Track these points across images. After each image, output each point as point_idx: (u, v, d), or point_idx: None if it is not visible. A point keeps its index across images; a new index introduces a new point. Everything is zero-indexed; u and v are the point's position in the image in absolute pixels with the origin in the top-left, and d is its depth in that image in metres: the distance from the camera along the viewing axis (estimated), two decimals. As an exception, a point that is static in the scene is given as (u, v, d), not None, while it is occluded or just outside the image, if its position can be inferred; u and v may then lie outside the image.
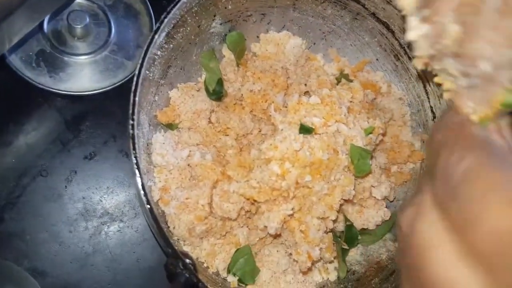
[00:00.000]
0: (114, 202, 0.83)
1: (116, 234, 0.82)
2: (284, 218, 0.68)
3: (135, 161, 0.57)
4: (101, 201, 0.83)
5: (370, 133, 0.74)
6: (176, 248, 0.69)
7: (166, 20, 0.63)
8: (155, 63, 0.72)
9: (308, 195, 0.69)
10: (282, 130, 0.70)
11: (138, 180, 0.58)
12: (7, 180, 0.80)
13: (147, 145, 0.74)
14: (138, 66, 0.61)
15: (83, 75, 0.84)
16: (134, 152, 0.58)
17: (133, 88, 0.60)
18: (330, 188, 0.69)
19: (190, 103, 0.79)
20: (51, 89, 0.81)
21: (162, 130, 0.77)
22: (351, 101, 0.75)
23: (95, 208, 0.82)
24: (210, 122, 0.80)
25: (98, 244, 0.81)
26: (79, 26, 0.82)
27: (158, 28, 0.63)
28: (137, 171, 0.57)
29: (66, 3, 0.81)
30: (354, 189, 0.72)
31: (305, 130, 0.68)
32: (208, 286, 0.65)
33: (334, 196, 0.69)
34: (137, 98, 0.60)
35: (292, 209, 0.68)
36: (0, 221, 0.79)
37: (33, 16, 0.70)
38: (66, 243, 0.80)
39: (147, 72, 0.69)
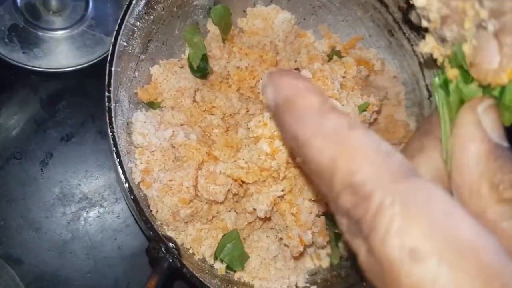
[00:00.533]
0: (94, 186, 0.77)
1: (96, 220, 0.77)
2: (274, 200, 0.63)
3: (111, 137, 0.52)
4: (79, 185, 0.77)
5: (365, 110, 0.69)
6: (159, 232, 0.64)
7: (144, -15, 0.58)
8: (135, 35, 0.66)
9: (300, 175, 0.64)
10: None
11: (116, 157, 0.53)
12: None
13: (127, 124, 0.69)
14: (114, 33, 0.56)
15: (59, 52, 0.78)
16: (111, 127, 0.53)
17: (109, 57, 0.55)
18: (322, 168, 0.65)
19: (173, 80, 0.73)
20: (25, 66, 0.75)
21: (144, 109, 0.72)
22: (344, 77, 0.70)
23: (73, 193, 0.77)
24: (194, 101, 0.75)
25: (77, 230, 0.76)
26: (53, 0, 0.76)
27: (136, -7, 0.57)
28: (114, 148, 0.52)
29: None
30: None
31: (296, 106, 0.64)
32: (194, 272, 0.60)
33: (327, 176, 0.65)
34: (113, 68, 0.55)
35: (283, 190, 0.64)
36: (-30, 207, 0.73)
37: None
38: (43, 229, 0.75)
39: (125, 44, 0.64)
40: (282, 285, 0.71)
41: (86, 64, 0.79)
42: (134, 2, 0.58)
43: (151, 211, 0.66)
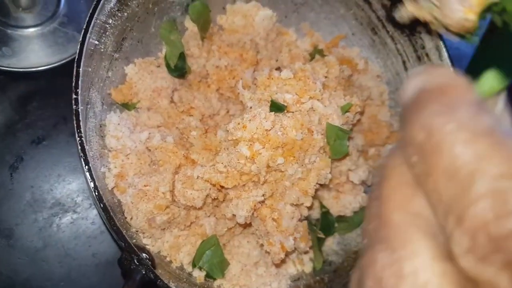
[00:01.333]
0: (66, 191, 0.74)
1: (69, 226, 0.73)
2: (255, 206, 0.61)
3: (79, 142, 0.49)
4: (51, 190, 0.73)
5: (347, 111, 0.67)
6: (134, 241, 0.61)
7: (114, -20, 0.54)
8: (107, 33, 0.63)
9: (281, 179, 0.62)
10: (251, 108, 0.62)
11: (84, 164, 0.49)
12: None
13: (100, 126, 0.65)
14: (82, 32, 0.52)
15: (30, 50, 0.74)
16: (79, 131, 0.49)
17: (76, 57, 0.51)
18: (304, 172, 0.62)
19: (149, 80, 0.70)
20: (-7, 66, 0.71)
21: (118, 110, 0.68)
22: (326, 77, 0.68)
23: (44, 198, 0.73)
24: (172, 101, 0.72)
25: (49, 237, 0.72)
26: (22, -5, 0.72)
27: (105, -12, 0.54)
28: (82, 154, 0.49)
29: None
30: (330, 173, 0.65)
31: (276, 107, 0.61)
32: (170, 283, 0.57)
33: (309, 180, 0.62)
34: (81, 69, 0.51)
35: (263, 195, 0.61)
36: None
37: None
38: (13, 237, 0.71)
39: (97, 42, 0.60)
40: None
41: (58, 63, 0.75)
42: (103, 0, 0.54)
43: (125, 218, 0.63)
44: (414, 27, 0.74)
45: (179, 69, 0.72)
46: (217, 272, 0.66)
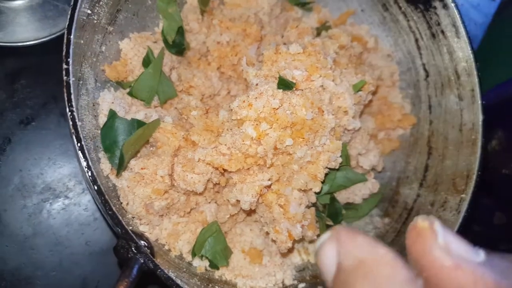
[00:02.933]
0: (57, 176, 0.70)
1: (61, 212, 0.69)
2: (260, 191, 0.57)
3: (71, 117, 0.44)
4: (41, 174, 0.69)
5: (360, 89, 0.63)
6: (130, 227, 0.57)
7: None
8: (100, 2, 0.58)
9: (289, 163, 0.58)
10: (257, 85, 0.58)
11: (76, 142, 0.45)
12: None
13: (93, 105, 0.61)
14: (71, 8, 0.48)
15: (17, 24, 0.70)
16: (70, 105, 0.45)
17: (67, 23, 0.47)
18: (314, 155, 0.58)
19: (146, 56, 0.66)
20: (-25, 40, 0.66)
21: (112, 88, 0.64)
22: (336, 53, 0.64)
23: (34, 183, 0.69)
24: (170, 80, 0.68)
25: (40, 224, 0.69)
26: (7, -37, 0.67)
27: None
28: (73, 131, 0.45)
29: None
30: (340, 156, 0.61)
31: (284, 84, 0.57)
32: (169, 273, 0.54)
33: (319, 164, 0.59)
34: (72, 37, 0.47)
35: (270, 179, 0.58)
36: None
37: None
38: (1, 223, 0.67)
39: (89, 12, 0.56)
40: (267, 283, 0.65)
41: (48, 38, 0.70)
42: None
43: (121, 203, 0.59)
44: (429, 2, 0.70)
45: (177, 45, 0.68)
46: (221, 260, 0.63)
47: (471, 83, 0.68)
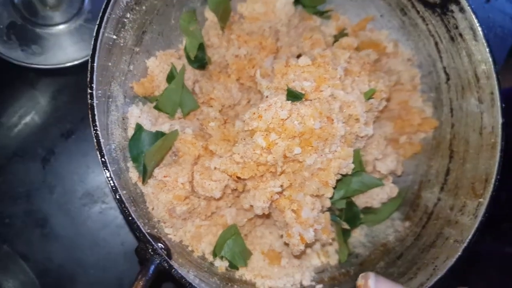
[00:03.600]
0: (95, 183, 0.78)
1: (99, 216, 0.77)
2: (271, 197, 0.61)
3: (95, 135, 0.51)
4: (81, 181, 0.78)
5: (371, 97, 0.65)
6: (155, 230, 0.64)
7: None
8: (126, 27, 0.65)
9: (299, 170, 0.62)
10: (267, 97, 0.62)
11: (100, 157, 0.52)
12: (-18, 162, 0.76)
13: (123, 119, 0.68)
14: (96, 27, 0.54)
15: (57, 47, 0.78)
16: (94, 125, 0.52)
17: (91, 52, 0.53)
18: (324, 162, 0.62)
19: (170, 72, 0.72)
20: (24, 64, 0.76)
21: (140, 103, 0.71)
22: (348, 62, 0.67)
23: (75, 189, 0.78)
24: (193, 92, 0.74)
25: (80, 226, 0.77)
26: (49, -5, 0.76)
27: (118, -16, 0.56)
28: (97, 146, 0.51)
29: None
30: (353, 163, 0.64)
31: (293, 96, 0.61)
32: (189, 272, 0.59)
33: (329, 171, 0.62)
34: (95, 64, 0.54)
35: (281, 186, 0.62)
36: (-23, 204, 0.75)
37: None
38: (47, 226, 0.76)
39: (115, 37, 0.62)
40: (286, 283, 0.69)
41: (84, 59, 0.78)
42: (115, -7, 0.56)
43: (147, 208, 0.65)
44: (446, 6, 0.70)
45: (199, 60, 0.73)
46: (239, 261, 0.68)
47: (490, 86, 0.68)
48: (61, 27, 0.79)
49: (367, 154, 0.71)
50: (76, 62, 0.78)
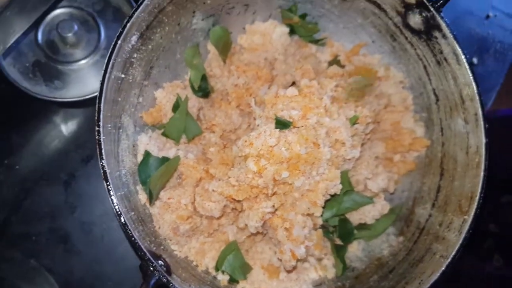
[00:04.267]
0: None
1: (116, 232, 0.86)
2: (263, 216, 0.68)
3: (101, 166, 0.59)
4: (99, 202, 0.87)
5: (356, 122, 0.71)
6: (162, 247, 0.71)
7: (128, 24, 0.64)
8: (134, 65, 0.73)
9: (290, 191, 0.68)
10: (258, 125, 0.69)
11: (106, 185, 0.60)
12: (12, 185, 0.86)
13: (133, 146, 0.76)
14: (102, 72, 0.63)
15: (77, 81, 0.88)
16: (101, 157, 0.60)
17: (98, 94, 0.62)
18: (312, 184, 0.68)
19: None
20: (48, 97, 0.85)
21: (150, 130, 0.79)
22: (335, 90, 0.72)
23: (94, 209, 0.86)
24: (198, 119, 0.81)
25: (99, 242, 0.86)
26: (69, 35, 0.85)
27: (121, 33, 0.64)
28: (103, 176, 0.59)
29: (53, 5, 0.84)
30: (341, 183, 0.70)
31: (281, 124, 0.67)
32: (191, 286, 0.66)
33: (317, 192, 0.68)
34: (102, 105, 0.62)
35: (273, 206, 0.68)
36: (8, 223, 0.85)
37: (24, 17, 0.74)
38: (69, 242, 0.85)
39: (123, 76, 0.70)
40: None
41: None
42: (119, 41, 0.64)
43: (154, 227, 0.73)
44: (430, 32, 0.75)
45: (202, 89, 0.81)
46: (239, 275, 0.74)
47: (474, 107, 0.72)
48: (81, 63, 0.88)
49: (358, 174, 0.76)
50: (94, 94, 0.87)
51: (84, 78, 0.88)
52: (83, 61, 0.88)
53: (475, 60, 1.06)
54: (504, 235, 1.06)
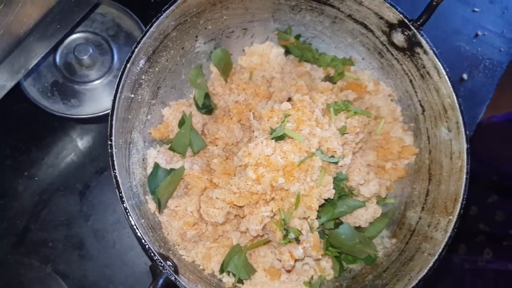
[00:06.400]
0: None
1: (127, 239, 0.92)
2: (262, 220, 0.74)
3: (114, 176, 0.66)
4: (113, 210, 0.94)
5: (345, 132, 0.78)
6: (170, 252, 0.78)
7: (136, 50, 0.72)
8: (142, 86, 0.81)
9: (286, 196, 0.75)
10: (256, 137, 0.76)
11: (119, 197, 0.67)
12: (32, 196, 0.94)
13: (143, 160, 0.83)
14: (114, 92, 0.70)
15: (92, 100, 0.96)
16: (114, 169, 0.67)
17: (110, 112, 0.69)
18: (307, 189, 0.74)
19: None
20: (64, 115, 0.93)
21: (158, 145, 0.86)
22: (326, 103, 0.79)
23: (107, 217, 0.94)
24: (203, 133, 0.88)
25: (111, 248, 0.92)
26: (84, 57, 0.94)
27: (130, 57, 0.72)
28: (116, 185, 0.66)
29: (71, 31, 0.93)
30: (337, 189, 0.76)
31: (277, 136, 0.74)
32: (198, 287, 0.73)
33: (312, 196, 0.74)
34: (113, 122, 0.69)
35: (271, 211, 0.74)
36: (27, 230, 0.92)
37: (44, 42, 0.82)
38: (83, 248, 0.92)
39: (133, 96, 0.78)
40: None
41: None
42: (128, 64, 0.72)
43: (163, 233, 0.80)
44: (413, 49, 0.82)
45: (205, 106, 0.88)
46: (243, 274, 0.80)
47: (455, 116, 0.79)
48: (95, 83, 0.96)
49: (351, 180, 0.83)
50: (107, 111, 0.94)
51: (98, 97, 0.96)
52: (97, 81, 0.96)
53: (465, 76, 1.12)
54: (492, 232, 1.12)
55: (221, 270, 0.81)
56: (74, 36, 0.98)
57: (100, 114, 0.94)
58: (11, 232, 0.92)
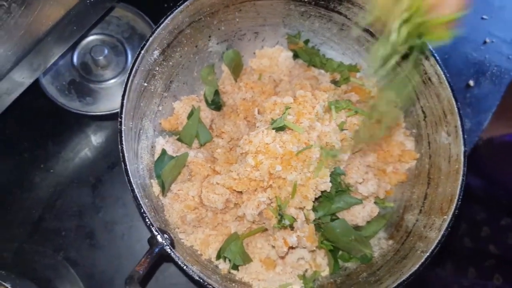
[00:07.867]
0: (133, 205, 0.98)
1: (134, 231, 0.97)
2: (259, 205, 0.78)
3: (122, 160, 0.72)
4: (123, 204, 0.99)
5: (343, 129, 0.82)
6: (171, 234, 0.82)
7: (151, 39, 0.80)
8: (156, 77, 0.88)
9: (283, 185, 0.79)
10: (257, 127, 0.81)
11: (127, 178, 0.72)
12: (47, 187, 1.00)
13: (152, 147, 0.89)
14: (127, 75, 0.77)
15: (106, 98, 1.03)
16: (121, 142, 0.73)
17: (122, 94, 0.76)
18: (304, 179, 0.78)
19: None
20: (80, 112, 1.00)
21: (167, 135, 0.92)
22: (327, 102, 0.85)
23: (118, 210, 0.99)
24: (210, 128, 0.94)
25: (120, 239, 0.97)
26: (100, 58, 1.02)
27: (144, 45, 0.79)
28: (124, 170, 0.72)
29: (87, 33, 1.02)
30: (330, 181, 0.80)
31: (278, 126, 0.79)
32: (194, 267, 0.76)
33: (308, 187, 0.78)
34: (125, 101, 0.76)
35: (268, 197, 0.79)
36: (42, 219, 0.98)
37: (61, 43, 0.90)
38: (94, 238, 0.97)
39: (146, 84, 0.85)
40: (278, 286, 0.84)
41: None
42: (142, 50, 0.79)
43: (165, 216, 0.84)
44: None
45: (215, 103, 0.95)
46: (239, 260, 0.83)
47: (454, 120, 0.83)
48: (110, 82, 1.04)
49: (349, 178, 0.86)
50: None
51: (112, 95, 1.03)
52: (112, 81, 1.04)
53: (471, 83, 1.15)
54: (503, 256, 1.12)
55: (218, 257, 0.84)
56: (90, 37, 1.07)
57: (114, 111, 1.01)
58: (27, 221, 0.98)
